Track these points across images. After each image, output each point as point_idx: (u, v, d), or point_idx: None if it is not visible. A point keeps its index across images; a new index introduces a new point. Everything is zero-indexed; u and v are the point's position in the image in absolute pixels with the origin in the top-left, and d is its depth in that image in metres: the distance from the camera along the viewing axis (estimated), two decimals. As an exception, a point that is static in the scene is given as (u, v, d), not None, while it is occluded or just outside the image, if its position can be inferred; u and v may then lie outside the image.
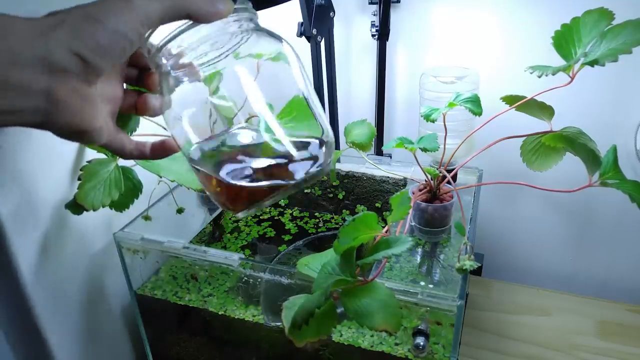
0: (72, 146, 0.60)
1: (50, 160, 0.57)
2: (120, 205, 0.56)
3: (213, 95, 0.37)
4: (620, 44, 0.46)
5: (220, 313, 0.65)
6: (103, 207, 0.53)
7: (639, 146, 0.79)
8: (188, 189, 0.58)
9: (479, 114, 0.58)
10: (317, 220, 0.79)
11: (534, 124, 0.58)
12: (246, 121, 0.76)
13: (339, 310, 0.44)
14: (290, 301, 0.46)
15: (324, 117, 0.40)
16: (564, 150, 0.56)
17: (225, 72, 0.36)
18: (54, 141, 0.58)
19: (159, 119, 0.62)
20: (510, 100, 0.57)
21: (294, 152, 0.34)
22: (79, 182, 0.52)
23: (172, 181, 0.52)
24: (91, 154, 0.58)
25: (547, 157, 0.58)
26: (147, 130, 0.60)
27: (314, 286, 0.44)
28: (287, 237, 0.75)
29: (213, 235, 0.78)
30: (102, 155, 0.56)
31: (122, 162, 0.56)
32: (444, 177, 0.62)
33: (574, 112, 0.79)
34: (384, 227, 0.47)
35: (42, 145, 0.56)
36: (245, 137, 0.38)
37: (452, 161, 0.69)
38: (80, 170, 0.52)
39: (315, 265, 0.48)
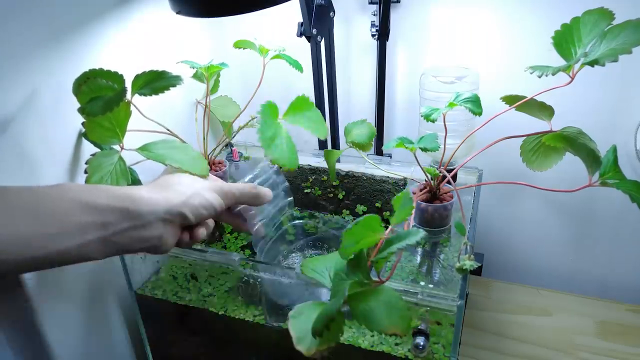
0: (70, 143, 0.60)
1: (50, 157, 0.57)
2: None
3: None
4: (620, 44, 0.46)
5: (220, 313, 0.65)
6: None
7: (639, 146, 0.79)
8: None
9: (479, 114, 0.58)
10: (317, 220, 0.79)
11: (534, 124, 0.58)
12: (248, 123, 0.75)
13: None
14: (296, 310, 0.45)
15: None
16: (564, 150, 0.56)
17: None
18: (53, 140, 0.58)
19: (157, 117, 0.62)
20: (510, 100, 0.57)
21: None
22: (86, 175, 0.52)
23: (177, 168, 0.54)
24: (88, 149, 0.58)
25: (547, 157, 0.58)
26: (144, 127, 0.60)
27: (332, 292, 0.44)
28: (287, 237, 0.75)
29: (213, 235, 0.77)
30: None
31: (123, 153, 0.56)
32: (444, 177, 0.62)
33: (574, 112, 0.79)
34: (386, 227, 0.47)
35: (41, 143, 0.56)
36: None
37: (452, 161, 0.69)
38: (86, 163, 0.53)
39: (321, 268, 0.48)
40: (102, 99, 0.51)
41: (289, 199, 0.71)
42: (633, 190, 0.47)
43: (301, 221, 0.75)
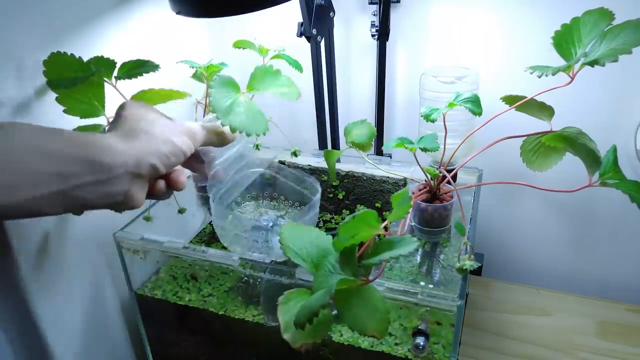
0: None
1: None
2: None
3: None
4: (620, 44, 0.46)
5: (220, 313, 0.65)
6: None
7: (639, 146, 0.79)
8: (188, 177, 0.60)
9: (479, 114, 0.58)
10: (317, 220, 0.79)
11: (534, 124, 0.58)
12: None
13: (334, 312, 0.44)
14: (285, 296, 0.46)
15: None
16: (564, 150, 0.56)
17: None
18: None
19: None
20: (510, 100, 0.57)
21: None
22: None
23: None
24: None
25: (547, 157, 0.58)
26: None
27: (315, 284, 0.44)
28: (242, 184, 0.75)
29: (213, 235, 0.78)
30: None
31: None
32: (444, 177, 0.62)
33: (574, 112, 0.79)
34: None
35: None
36: None
37: (452, 161, 0.69)
38: None
39: (299, 246, 0.47)
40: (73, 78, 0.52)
41: (249, 145, 0.67)
42: (633, 190, 0.47)
43: (259, 169, 0.73)
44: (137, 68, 0.56)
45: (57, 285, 0.60)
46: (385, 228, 0.47)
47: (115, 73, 0.55)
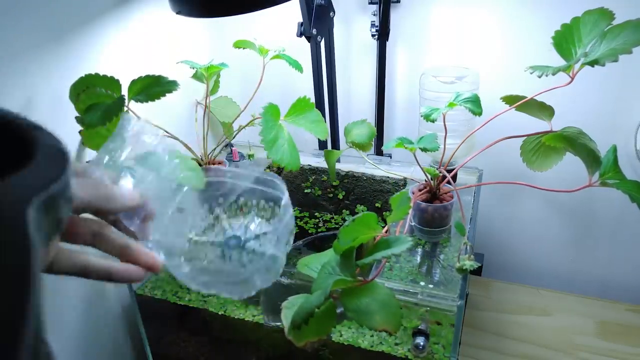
0: (72, 147, 0.60)
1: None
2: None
3: None
4: (620, 44, 0.46)
5: (220, 313, 0.65)
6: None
7: (639, 146, 0.79)
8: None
9: (479, 114, 0.58)
10: (317, 220, 0.79)
11: (534, 124, 0.58)
12: (250, 122, 0.75)
13: (338, 311, 0.45)
14: (289, 301, 0.46)
15: None
16: (564, 150, 0.56)
17: None
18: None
19: (156, 117, 0.62)
20: (510, 100, 0.57)
21: None
22: None
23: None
24: (90, 154, 0.58)
25: (547, 157, 0.58)
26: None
27: (314, 286, 0.44)
28: None
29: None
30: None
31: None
32: (444, 177, 0.62)
33: (574, 112, 0.79)
34: (383, 227, 0.47)
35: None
36: None
37: (452, 161, 0.69)
38: None
39: (316, 265, 0.48)
40: (100, 108, 0.51)
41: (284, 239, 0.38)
42: (633, 190, 0.47)
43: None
44: (152, 87, 0.53)
45: (56, 285, 0.60)
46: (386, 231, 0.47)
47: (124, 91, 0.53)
